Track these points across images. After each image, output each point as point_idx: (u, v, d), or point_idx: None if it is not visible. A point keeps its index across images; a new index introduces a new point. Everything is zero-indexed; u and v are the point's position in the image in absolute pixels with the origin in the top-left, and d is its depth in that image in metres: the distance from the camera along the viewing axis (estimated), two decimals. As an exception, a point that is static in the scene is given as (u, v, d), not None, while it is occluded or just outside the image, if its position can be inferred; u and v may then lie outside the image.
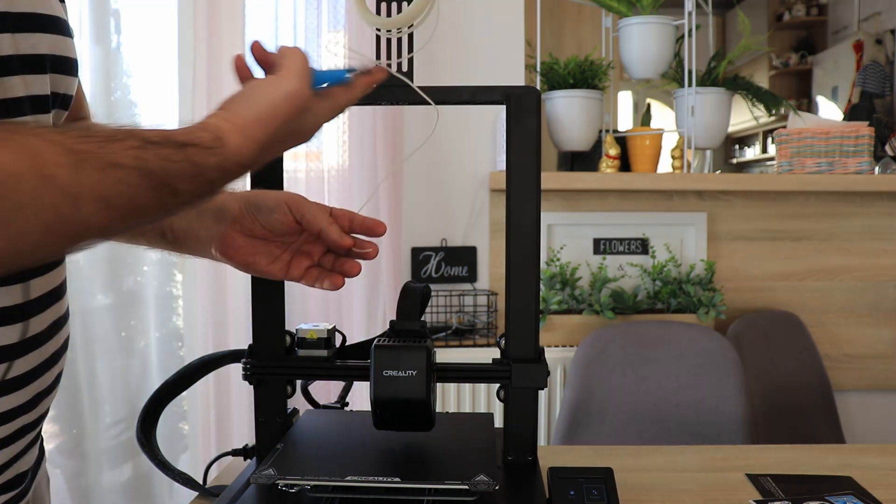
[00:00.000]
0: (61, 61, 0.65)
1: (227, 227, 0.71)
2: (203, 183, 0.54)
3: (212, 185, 0.55)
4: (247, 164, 0.57)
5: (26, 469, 0.70)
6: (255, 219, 0.71)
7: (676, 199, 2.11)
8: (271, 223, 0.71)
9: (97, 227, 0.48)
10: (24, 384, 0.65)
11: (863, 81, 3.60)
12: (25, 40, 0.60)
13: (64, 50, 0.65)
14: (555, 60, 2.05)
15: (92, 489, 1.79)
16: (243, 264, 0.72)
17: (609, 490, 0.75)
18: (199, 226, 0.71)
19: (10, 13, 0.58)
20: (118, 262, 1.81)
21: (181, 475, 0.80)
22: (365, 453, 0.74)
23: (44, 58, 0.62)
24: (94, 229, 0.48)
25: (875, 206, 2.13)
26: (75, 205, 0.46)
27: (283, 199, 0.71)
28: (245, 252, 0.72)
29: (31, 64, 0.61)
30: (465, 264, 2.06)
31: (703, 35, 2.26)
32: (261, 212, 0.71)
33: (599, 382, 1.75)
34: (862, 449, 1.00)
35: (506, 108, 0.76)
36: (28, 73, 0.61)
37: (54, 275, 0.67)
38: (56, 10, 0.64)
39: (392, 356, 0.69)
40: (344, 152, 1.89)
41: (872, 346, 2.15)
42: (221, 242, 0.71)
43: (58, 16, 0.64)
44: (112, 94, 1.77)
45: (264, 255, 0.72)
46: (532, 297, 0.76)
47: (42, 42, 0.62)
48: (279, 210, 0.70)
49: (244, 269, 0.73)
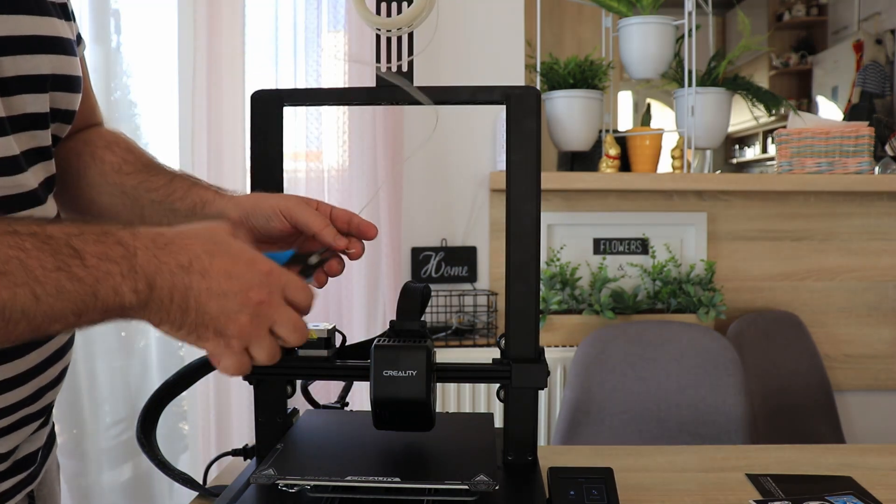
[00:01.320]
0: (62, 80, 0.67)
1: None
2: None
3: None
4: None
5: (35, 449, 0.71)
6: (253, 226, 0.72)
7: (676, 199, 2.11)
8: (269, 230, 0.72)
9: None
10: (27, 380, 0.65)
11: (863, 81, 3.60)
12: (27, 62, 0.62)
13: (66, 69, 0.67)
14: (555, 60, 2.05)
15: (92, 489, 1.79)
16: None
17: (609, 490, 0.75)
18: None
19: (12, 37, 0.60)
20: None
21: (181, 475, 0.80)
22: (365, 453, 0.74)
23: (45, 78, 0.64)
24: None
25: (875, 206, 2.13)
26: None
27: (277, 207, 0.71)
28: None
29: (32, 84, 0.63)
30: (465, 264, 2.06)
31: (703, 35, 2.26)
32: (258, 220, 0.72)
33: (599, 382, 1.75)
34: (862, 449, 1.00)
35: (506, 108, 0.76)
36: (28, 93, 0.63)
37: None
38: (60, 30, 0.66)
39: (392, 356, 0.69)
40: (344, 152, 1.89)
41: (872, 346, 2.15)
42: None
43: (61, 36, 0.66)
44: (112, 94, 1.77)
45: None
46: (532, 297, 0.76)
47: (44, 63, 0.64)
48: (275, 218, 0.71)
49: None
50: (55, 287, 0.49)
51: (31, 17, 0.62)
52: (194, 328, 0.55)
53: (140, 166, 0.78)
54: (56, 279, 0.49)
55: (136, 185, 0.76)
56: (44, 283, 0.49)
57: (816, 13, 4.99)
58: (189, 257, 0.54)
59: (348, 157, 1.88)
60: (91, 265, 0.50)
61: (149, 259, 0.52)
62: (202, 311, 0.54)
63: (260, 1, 1.86)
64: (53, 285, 0.49)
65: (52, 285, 0.49)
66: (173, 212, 0.75)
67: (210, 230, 0.57)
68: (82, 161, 0.78)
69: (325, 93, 0.87)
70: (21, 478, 0.69)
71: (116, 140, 0.80)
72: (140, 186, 0.76)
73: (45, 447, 0.75)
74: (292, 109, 1.83)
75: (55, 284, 0.49)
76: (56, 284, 0.49)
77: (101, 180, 0.77)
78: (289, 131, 1.73)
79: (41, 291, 0.48)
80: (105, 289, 0.51)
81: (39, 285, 0.48)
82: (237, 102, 1.80)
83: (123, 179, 0.77)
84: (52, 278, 0.49)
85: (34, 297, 0.48)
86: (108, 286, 0.51)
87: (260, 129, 0.81)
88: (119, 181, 0.77)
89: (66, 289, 0.49)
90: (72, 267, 0.50)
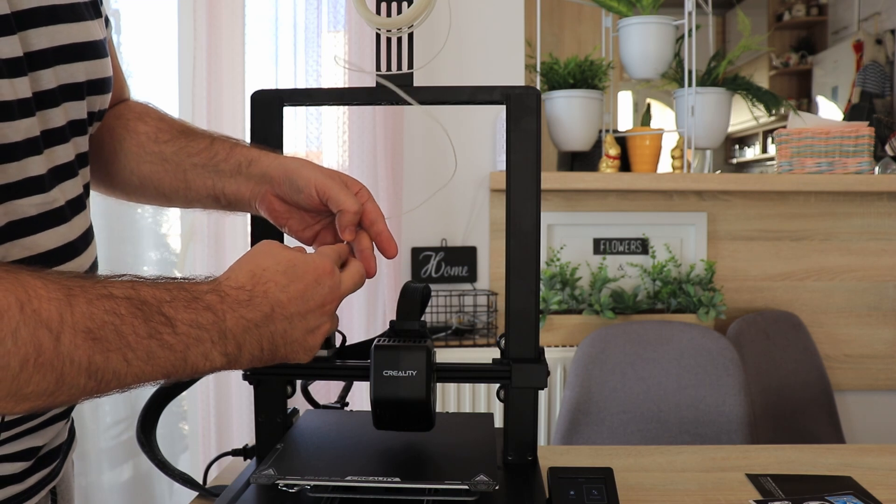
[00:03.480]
0: (97, 83, 0.68)
1: (268, 190, 0.75)
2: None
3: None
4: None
5: (58, 445, 0.72)
6: (288, 191, 0.74)
7: (676, 199, 2.11)
8: (299, 201, 0.73)
9: (78, 362, 0.48)
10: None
11: (863, 81, 3.60)
12: (65, 71, 0.63)
13: (100, 72, 0.68)
14: (555, 60, 2.05)
15: (92, 489, 1.79)
16: (279, 224, 0.77)
17: (609, 490, 0.75)
18: (245, 188, 0.75)
19: (51, 48, 0.61)
20: (118, 263, 1.81)
21: (181, 475, 0.80)
22: (365, 453, 0.74)
23: (81, 85, 0.65)
24: (75, 366, 0.48)
25: (875, 206, 2.13)
26: (56, 338, 0.47)
27: (313, 181, 0.72)
28: (281, 215, 0.75)
29: (71, 92, 0.64)
30: (465, 264, 2.06)
31: (703, 35, 2.26)
32: (292, 188, 0.73)
33: (599, 382, 1.75)
34: (862, 449, 1.00)
35: (506, 108, 0.76)
36: (68, 101, 0.64)
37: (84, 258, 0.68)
38: (94, 33, 0.67)
39: (392, 356, 0.69)
40: (344, 152, 1.89)
41: (872, 346, 2.15)
42: (262, 201, 0.75)
43: (95, 40, 0.67)
44: (112, 94, 1.77)
45: (297, 221, 0.76)
46: (532, 297, 0.76)
47: (80, 70, 0.65)
48: (306, 191, 0.72)
49: (280, 228, 0.77)
50: (146, 353, 0.51)
51: (68, 24, 0.63)
52: (285, 356, 0.61)
53: (176, 133, 0.79)
54: (147, 346, 0.51)
55: (177, 151, 0.77)
56: (136, 349, 0.51)
57: (816, 13, 5.00)
58: (271, 304, 0.58)
59: (348, 157, 1.88)
60: (182, 332, 0.53)
61: (237, 321, 0.56)
62: (289, 343, 0.60)
63: (260, 1, 1.86)
64: (144, 351, 0.51)
65: (144, 351, 0.51)
66: (218, 173, 0.76)
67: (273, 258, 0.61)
68: (116, 135, 0.78)
69: (325, 93, 0.87)
70: (45, 474, 0.69)
71: (147, 111, 0.81)
72: (181, 152, 0.77)
73: (67, 443, 0.76)
74: (292, 109, 1.83)
75: (146, 350, 0.51)
76: (147, 350, 0.51)
77: (139, 150, 0.78)
78: (289, 131, 1.73)
79: (132, 356, 0.51)
80: (195, 355, 0.54)
81: (131, 351, 0.51)
82: (237, 102, 1.80)
83: (162, 147, 0.78)
84: (144, 345, 0.51)
85: (125, 361, 0.51)
86: (199, 353, 0.54)
87: (260, 130, 0.81)
88: (157, 150, 0.78)
89: (157, 355, 0.52)
90: (163, 335, 0.52)
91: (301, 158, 0.76)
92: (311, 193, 0.71)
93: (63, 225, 0.64)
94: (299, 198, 0.73)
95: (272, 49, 1.87)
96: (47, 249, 0.62)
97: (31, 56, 0.59)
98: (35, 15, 0.59)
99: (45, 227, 0.62)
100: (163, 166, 0.77)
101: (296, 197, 0.73)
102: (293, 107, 0.88)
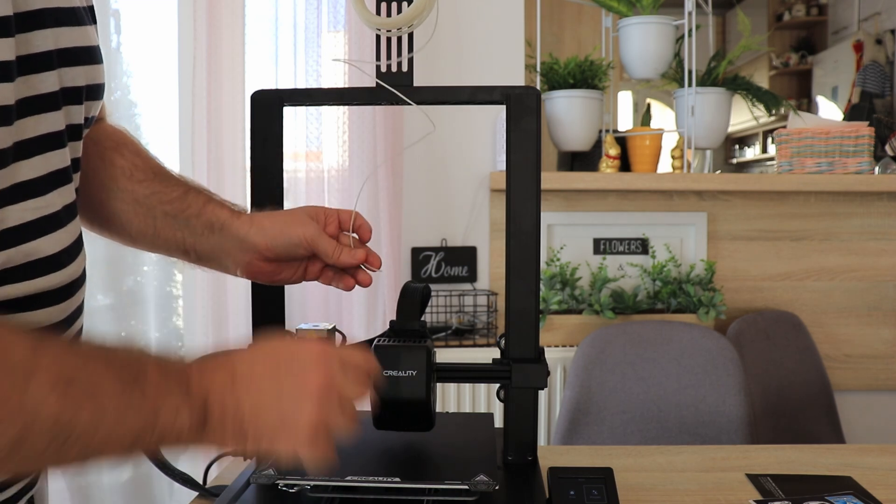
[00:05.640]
0: (94, 89, 0.68)
1: (254, 258, 0.76)
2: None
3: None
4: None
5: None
6: (277, 253, 0.76)
7: (676, 199, 2.11)
8: (293, 255, 0.76)
9: (46, 414, 0.46)
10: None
11: (863, 81, 3.60)
12: (67, 75, 0.62)
13: (97, 77, 0.68)
14: (555, 60, 2.05)
15: (92, 489, 1.79)
16: (267, 281, 0.78)
17: (609, 490, 0.75)
18: (223, 254, 0.76)
19: (56, 50, 0.61)
20: (118, 263, 1.81)
21: (181, 475, 0.80)
22: (365, 453, 0.74)
23: (81, 89, 0.65)
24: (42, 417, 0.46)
25: (875, 206, 2.13)
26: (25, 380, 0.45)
27: (304, 237, 0.75)
28: (269, 273, 0.77)
29: (72, 97, 0.64)
30: (465, 264, 2.06)
31: (703, 35, 2.26)
32: (284, 248, 0.75)
33: (599, 382, 1.75)
34: (862, 449, 1.00)
35: (506, 108, 0.76)
36: (69, 105, 0.64)
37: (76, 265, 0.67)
38: (93, 38, 0.67)
39: (392, 356, 0.69)
40: (344, 152, 1.89)
41: (872, 346, 2.15)
42: (247, 268, 0.77)
43: (94, 45, 0.67)
44: (112, 94, 1.77)
45: (287, 272, 0.78)
46: (532, 297, 0.76)
47: (80, 75, 0.64)
48: (302, 246, 0.75)
49: (268, 283, 0.79)
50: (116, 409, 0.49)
51: (71, 28, 0.63)
52: (259, 441, 0.54)
53: (151, 174, 0.78)
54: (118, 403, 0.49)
55: (149, 195, 0.76)
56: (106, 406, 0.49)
57: (816, 13, 4.99)
58: (231, 371, 0.55)
59: (348, 157, 1.88)
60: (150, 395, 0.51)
61: (200, 379, 0.53)
62: (260, 424, 0.54)
63: (260, 1, 1.86)
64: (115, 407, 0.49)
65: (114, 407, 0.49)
66: (188, 227, 0.76)
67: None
68: (91, 163, 0.77)
69: (325, 93, 0.88)
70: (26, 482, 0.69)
71: (124, 141, 0.80)
72: (153, 197, 0.76)
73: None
74: (292, 109, 1.83)
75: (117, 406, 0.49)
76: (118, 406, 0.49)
77: (113, 185, 0.77)
78: (289, 131, 1.74)
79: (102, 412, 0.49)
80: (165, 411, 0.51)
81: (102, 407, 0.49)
82: (237, 102, 1.80)
83: (135, 187, 0.76)
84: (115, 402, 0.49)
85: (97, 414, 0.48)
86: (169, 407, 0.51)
87: (260, 129, 0.81)
88: (131, 188, 0.76)
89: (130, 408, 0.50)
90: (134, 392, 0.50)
91: (270, 213, 0.78)
92: (305, 246, 0.75)
93: (60, 230, 0.63)
94: (295, 253, 0.76)
95: (272, 49, 1.87)
96: (46, 255, 0.61)
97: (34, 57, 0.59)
98: (41, 16, 0.59)
99: (45, 232, 0.61)
100: (133, 207, 0.76)
101: (294, 254, 0.76)
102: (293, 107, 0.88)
